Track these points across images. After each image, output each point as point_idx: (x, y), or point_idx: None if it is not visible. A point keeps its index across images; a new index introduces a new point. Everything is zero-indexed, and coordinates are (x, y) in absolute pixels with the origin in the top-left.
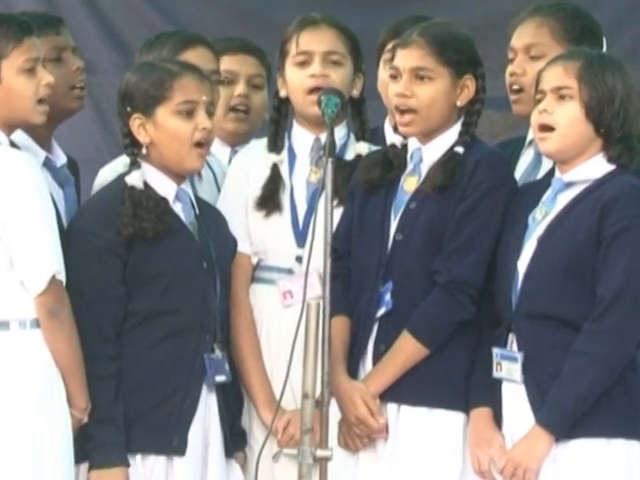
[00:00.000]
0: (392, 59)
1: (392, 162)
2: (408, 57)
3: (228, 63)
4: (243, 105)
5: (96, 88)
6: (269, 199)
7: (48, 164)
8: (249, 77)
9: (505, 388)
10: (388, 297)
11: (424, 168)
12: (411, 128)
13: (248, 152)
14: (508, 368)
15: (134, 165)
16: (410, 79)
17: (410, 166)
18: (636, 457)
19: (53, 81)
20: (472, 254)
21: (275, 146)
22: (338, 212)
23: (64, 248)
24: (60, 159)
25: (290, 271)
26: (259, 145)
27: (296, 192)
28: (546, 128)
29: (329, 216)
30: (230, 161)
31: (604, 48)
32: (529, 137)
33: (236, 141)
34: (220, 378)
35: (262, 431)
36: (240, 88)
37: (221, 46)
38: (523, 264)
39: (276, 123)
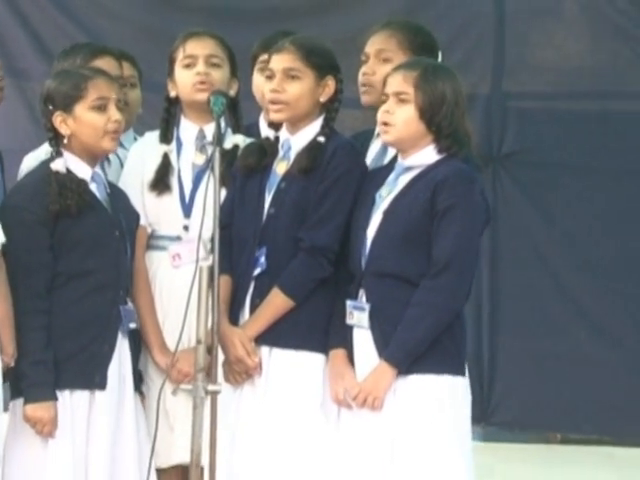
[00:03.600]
0: (268, 64)
1: (266, 150)
2: (281, 60)
3: None
4: (122, 101)
5: (29, 92)
6: (160, 182)
7: None
8: (125, 78)
9: (355, 333)
10: (262, 259)
11: (292, 154)
12: (281, 114)
13: (143, 142)
14: (358, 317)
15: (58, 154)
16: (282, 78)
17: (281, 153)
18: (461, 390)
19: None
20: (329, 224)
21: (165, 138)
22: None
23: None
24: None
25: (178, 238)
26: (152, 136)
27: (183, 173)
28: (387, 125)
29: (217, 194)
30: None
31: (439, 58)
32: (377, 130)
33: None
34: (132, 325)
35: (155, 371)
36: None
37: None
38: (371, 232)
39: (166, 121)
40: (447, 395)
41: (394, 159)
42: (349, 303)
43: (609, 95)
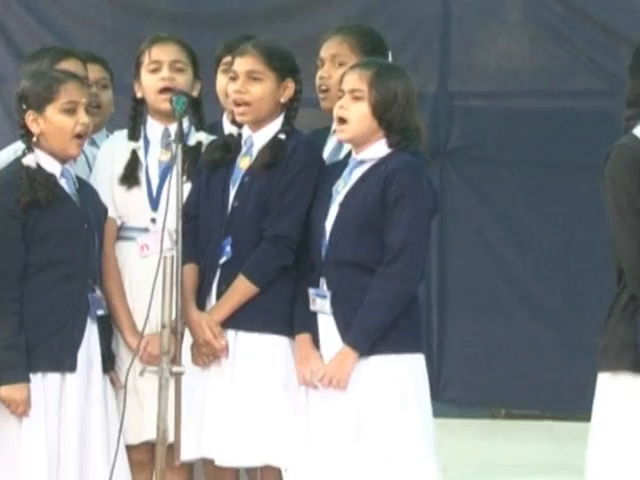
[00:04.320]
0: (231, 66)
1: (230, 147)
2: (244, 63)
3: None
4: (95, 102)
5: (5, 93)
6: (130, 176)
7: None
8: (97, 80)
9: (319, 319)
10: (228, 248)
11: (255, 150)
12: (245, 117)
13: (113, 140)
14: (320, 303)
15: (29, 150)
16: (245, 80)
17: (244, 149)
18: (420, 366)
19: None
20: (291, 215)
21: (134, 136)
22: (186, 186)
23: None
24: None
25: (146, 229)
26: (121, 134)
27: (150, 169)
28: (342, 120)
29: (180, 188)
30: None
31: (389, 59)
32: (333, 127)
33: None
34: (100, 312)
35: (127, 353)
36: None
37: None
38: (329, 224)
39: (134, 119)
40: (408, 373)
41: (349, 154)
42: (311, 291)
43: (547, 94)
